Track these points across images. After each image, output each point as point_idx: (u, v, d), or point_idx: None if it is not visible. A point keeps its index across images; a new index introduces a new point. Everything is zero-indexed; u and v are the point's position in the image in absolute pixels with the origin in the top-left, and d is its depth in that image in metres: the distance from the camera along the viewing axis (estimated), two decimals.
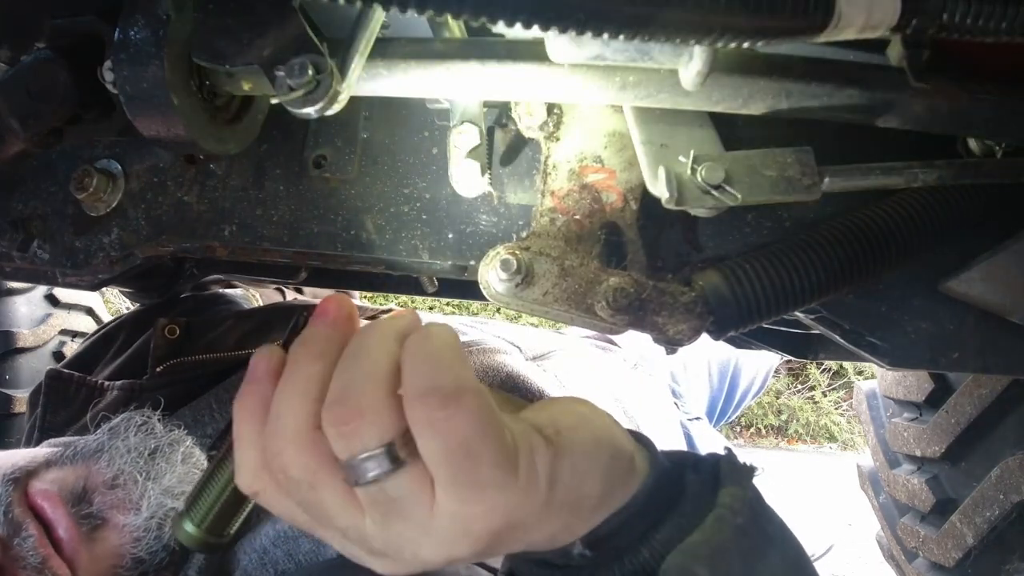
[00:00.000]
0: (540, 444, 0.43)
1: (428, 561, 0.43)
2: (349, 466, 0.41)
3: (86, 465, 0.77)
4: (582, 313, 0.56)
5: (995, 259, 0.60)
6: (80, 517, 0.73)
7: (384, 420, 0.41)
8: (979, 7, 0.41)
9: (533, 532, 0.44)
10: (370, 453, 0.40)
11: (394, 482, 0.41)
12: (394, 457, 0.40)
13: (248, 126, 0.61)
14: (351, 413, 0.41)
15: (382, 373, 0.42)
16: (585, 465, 0.45)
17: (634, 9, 0.35)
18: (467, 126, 0.61)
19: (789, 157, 0.54)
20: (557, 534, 0.46)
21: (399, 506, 0.41)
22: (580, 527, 0.46)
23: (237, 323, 1.11)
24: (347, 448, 0.41)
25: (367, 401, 0.41)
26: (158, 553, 0.75)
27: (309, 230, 0.69)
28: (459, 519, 0.41)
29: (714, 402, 1.79)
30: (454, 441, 0.39)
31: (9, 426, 1.86)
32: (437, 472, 0.40)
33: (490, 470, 0.40)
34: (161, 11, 0.49)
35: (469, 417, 0.40)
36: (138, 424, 0.82)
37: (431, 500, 0.41)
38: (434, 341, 0.42)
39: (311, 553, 0.80)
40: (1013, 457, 1.17)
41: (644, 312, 0.55)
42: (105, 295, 2.52)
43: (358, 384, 0.41)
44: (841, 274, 0.57)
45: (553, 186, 0.61)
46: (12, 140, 0.56)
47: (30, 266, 0.72)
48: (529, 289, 0.56)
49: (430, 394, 0.40)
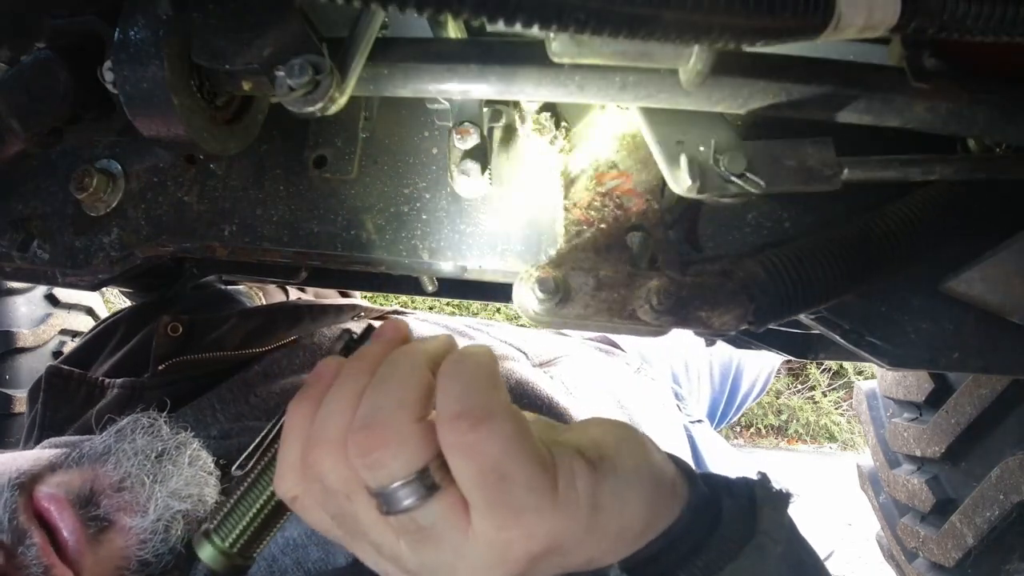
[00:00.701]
0: (582, 467, 0.43)
1: None
2: (380, 495, 0.41)
3: (92, 468, 0.77)
4: (625, 320, 0.56)
5: (995, 259, 0.60)
6: (87, 519, 0.73)
7: (412, 448, 0.40)
8: (979, 7, 0.41)
9: (572, 557, 0.43)
10: (401, 482, 0.40)
11: (427, 510, 0.40)
12: (428, 485, 0.40)
13: (248, 126, 0.60)
14: (375, 442, 0.40)
15: (411, 399, 0.41)
16: (629, 491, 0.44)
17: (634, 9, 0.35)
18: (467, 126, 0.61)
19: (809, 147, 0.54)
20: (596, 558, 0.45)
21: (433, 532, 0.41)
22: (621, 552, 0.45)
23: (240, 322, 1.11)
24: (374, 478, 0.40)
25: (393, 429, 0.40)
26: (164, 556, 0.75)
27: (309, 230, 0.69)
28: (495, 545, 0.40)
29: (715, 404, 1.79)
30: (486, 464, 0.39)
31: (9, 426, 1.86)
32: (471, 496, 0.40)
33: (525, 493, 0.40)
34: (161, 11, 0.49)
35: (500, 439, 0.39)
36: (145, 426, 0.82)
37: (466, 525, 0.40)
38: (468, 364, 0.42)
39: (320, 562, 0.80)
40: (1013, 457, 1.17)
41: (687, 309, 0.55)
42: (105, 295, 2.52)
43: (385, 411, 0.41)
44: (872, 266, 0.58)
45: (574, 198, 0.60)
46: (12, 140, 0.56)
47: (30, 266, 0.72)
48: (568, 306, 0.56)
49: (461, 417, 0.39)
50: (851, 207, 0.62)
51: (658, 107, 0.55)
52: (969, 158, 0.56)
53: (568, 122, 0.62)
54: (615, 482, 0.44)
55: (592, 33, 0.36)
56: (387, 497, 0.40)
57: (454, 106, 0.63)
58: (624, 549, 0.45)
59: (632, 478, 0.45)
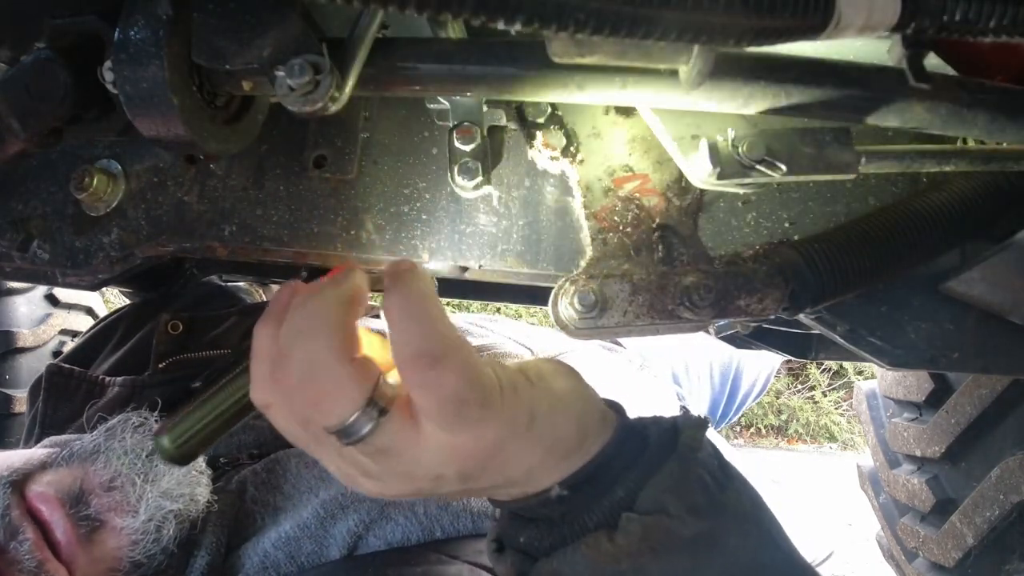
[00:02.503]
0: (523, 382, 0.49)
1: (418, 483, 0.47)
2: (336, 432, 0.45)
3: (82, 466, 0.77)
4: (666, 320, 0.56)
5: (995, 259, 0.60)
6: (78, 519, 0.73)
7: (351, 390, 0.44)
8: (979, 7, 0.41)
9: (513, 465, 0.49)
10: (351, 419, 0.44)
11: (380, 433, 0.44)
12: (376, 412, 0.44)
13: (248, 126, 0.60)
14: (317, 393, 0.45)
15: (337, 344, 0.45)
16: (561, 406, 0.50)
17: (634, 9, 0.35)
18: (468, 126, 0.61)
19: (827, 135, 0.54)
20: (535, 469, 0.50)
21: (392, 448, 0.45)
22: (557, 467, 0.51)
23: (241, 320, 1.11)
24: (326, 423, 0.45)
25: (330, 377, 0.44)
26: (156, 557, 0.75)
27: (309, 230, 0.69)
28: (448, 448, 0.46)
29: (715, 404, 1.79)
30: (445, 395, 0.44)
31: (9, 426, 1.86)
32: (430, 418, 0.45)
33: (478, 410, 0.45)
34: (161, 11, 0.49)
35: (456, 372, 0.44)
36: (135, 425, 0.82)
37: (418, 435, 0.45)
38: (413, 301, 0.45)
39: (313, 555, 0.80)
40: (1013, 457, 1.17)
41: (726, 300, 0.56)
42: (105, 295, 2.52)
43: (318, 362, 0.45)
44: (902, 255, 0.58)
45: (594, 208, 0.61)
46: (12, 140, 0.56)
47: (30, 266, 0.72)
48: (607, 315, 0.56)
49: (420, 356, 0.44)
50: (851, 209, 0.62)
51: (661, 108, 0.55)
52: (983, 150, 0.56)
53: (576, 131, 0.62)
54: (550, 397, 0.50)
55: (592, 33, 0.36)
56: (342, 432, 0.44)
57: (454, 106, 0.63)
58: (560, 465, 0.51)
59: (566, 397, 0.51)
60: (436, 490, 0.49)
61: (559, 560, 0.50)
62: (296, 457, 0.90)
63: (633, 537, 0.49)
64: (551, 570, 0.51)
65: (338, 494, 0.83)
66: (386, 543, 0.81)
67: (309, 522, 0.81)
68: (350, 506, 0.82)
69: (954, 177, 0.61)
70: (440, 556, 0.78)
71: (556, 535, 0.52)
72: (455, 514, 0.84)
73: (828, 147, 0.54)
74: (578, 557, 0.50)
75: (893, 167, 0.56)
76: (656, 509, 0.49)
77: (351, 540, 0.81)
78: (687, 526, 0.49)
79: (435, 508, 0.84)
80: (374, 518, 0.82)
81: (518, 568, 0.53)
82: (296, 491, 0.86)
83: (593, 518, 0.51)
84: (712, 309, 0.56)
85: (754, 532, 0.52)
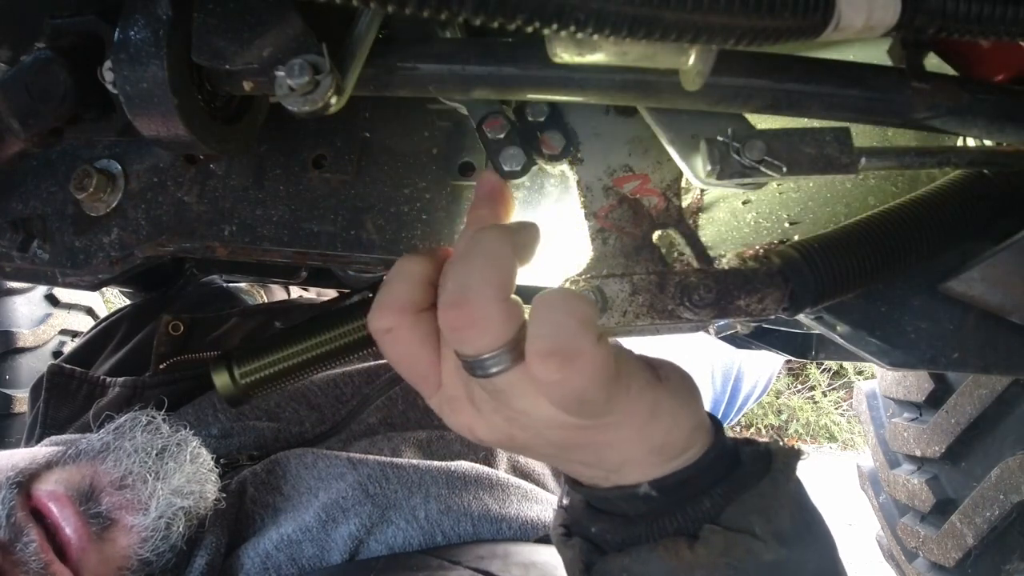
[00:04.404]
0: (652, 379, 0.50)
1: (515, 432, 0.49)
2: (465, 361, 0.46)
3: (91, 464, 0.77)
4: (666, 320, 0.56)
5: (995, 259, 0.60)
6: (89, 516, 0.72)
7: (495, 329, 0.44)
8: (979, 7, 0.41)
9: (614, 451, 0.50)
10: (485, 356, 0.45)
11: (505, 378, 0.45)
12: (509, 359, 0.45)
13: (248, 126, 0.60)
14: (463, 320, 0.44)
15: (496, 280, 0.45)
16: (682, 410, 0.51)
17: (634, 9, 0.35)
18: (495, 116, 0.60)
19: (827, 135, 0.54)
20: (631, 463, 0.51)
21: (511, 393, 0.46)
22: (652, 467, 0.51)
23: (241, 321, 1.11)
24: (461, 349, 0.45)
25: (480, 309, 0.44)
26: (164, 554, 0.75)
27: (309, 230, 0.69)
28: (558, 417, 0.46)
29: (716, 406, 1.80)
30: (570, 395, 0.44)
31: (9, 426, 1.86)
32: (551, 400, 0.45)
33: (601, 406, 0.46)
34: (161, 11, 0.49)
35: (586, 376, 0.44)
36: (144, 424, 0.82)
37: (537, 396, 0.46)
38: (562, 300, 0.45)
39: (315, 558, 0.80)
40: (1013, 457, 1.17)
41: (726, 300, 0.56)
42: (105, 295, 2.52)
43: (473, 290, 0.44)
44: (902, 255, 0.59)
45: (594, 208, 0.60)
46: (12, 140, 0.56)
47: (30, 266, 0.72)
48: (608, 314, 0.56)
49: (552, 356, 0.43)
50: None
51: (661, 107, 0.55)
52: (983, 150, 0.56)
53: (576, 131, 0.62)
54: (673, 400, 0.50)
55: (592, 33, 0.36)
56: (471, 364, 0.45)
57: (468, 106, 0.62)
58: (655, 466, 0.51)
59: (688, 404, 0.52)
60: (527, 445, 0.50)
61: (633, 558, 0.50)
62: (296, 458, 0.90)
63: (715, 550, 0.49)
64: (622, 566, 0.51)
65: (339, 497, 0.83)
66: (387, 548, 0.81)
67: (311, 524, 0.81)
68: (351, 509, 0.82)
69: (954, 177, 0.61)
70: (441, 562, 0.78)
71: (630, 532, 0.52)
72: (456, 519, 0.84)
73: (828, 147, 0.54)
74: (653, 558, 0.50)
75: (893, 167, 0.56)
76: (742, 527, 0.49)
77: (352, 545, 0.81)
78: (770, 550, 0.49)
79: (436, 512, 0.84)
80: (375, 522, 0.82)
81: (586, 557, 0.53)
82: (296, 492, 0.86)
83: (673, 523, 0.51)
84: (712, 309, 0.56)
85: (830, 573, 0.53)
